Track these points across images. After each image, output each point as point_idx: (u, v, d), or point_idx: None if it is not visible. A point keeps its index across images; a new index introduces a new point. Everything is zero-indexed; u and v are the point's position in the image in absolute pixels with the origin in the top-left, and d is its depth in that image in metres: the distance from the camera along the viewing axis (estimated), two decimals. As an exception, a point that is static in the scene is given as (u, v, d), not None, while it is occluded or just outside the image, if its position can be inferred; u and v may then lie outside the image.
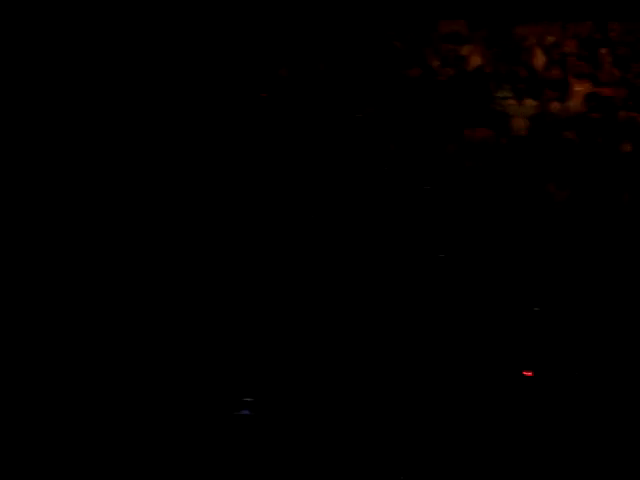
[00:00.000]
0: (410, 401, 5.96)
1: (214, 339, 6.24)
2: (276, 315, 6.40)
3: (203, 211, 6.94)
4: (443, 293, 6.62)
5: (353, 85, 8.76)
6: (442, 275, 6.77)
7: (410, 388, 6.04)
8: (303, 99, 8.44)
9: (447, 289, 6.65)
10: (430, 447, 5.73)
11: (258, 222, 6.98)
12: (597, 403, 5.97)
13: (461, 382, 6.09)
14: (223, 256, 6.73)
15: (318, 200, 7.21)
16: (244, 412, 5.80)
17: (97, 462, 5.41)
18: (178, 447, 5.57)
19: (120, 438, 5.56)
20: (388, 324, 6.40)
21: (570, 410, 5.96)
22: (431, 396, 6.00)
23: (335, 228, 7.01)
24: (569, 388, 6.09)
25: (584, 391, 6.06)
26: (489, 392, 6.03)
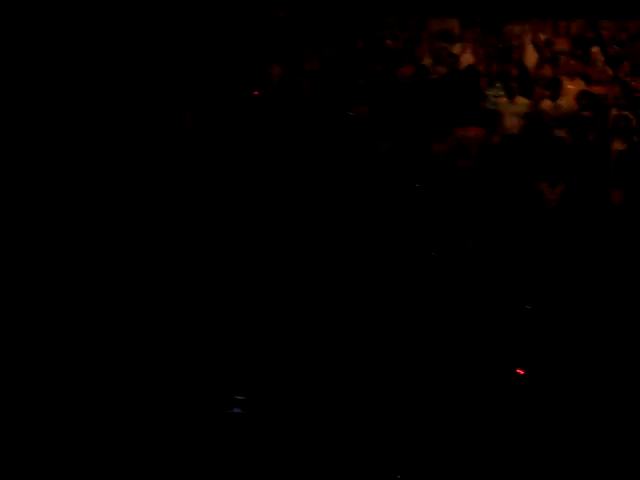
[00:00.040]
0: (404, 398, 5.97)
1: (207, 337, 6.24)
2: (269, 312, 6.40)
3: (196, 208, 6.94)
4: (435, 291, 6.63)
5: (345, 83, 8.76)
6: (434, 273, 6.78)
7: (404, 385, 6.05)
8: (295, 97, 8.44)
9: (439, 287, 6.66)
10: (425, 445, 5.74)
11: (250, 220, 6.97)
12: (589, 400, 5.99)
13: (454, 380, 6.10)
14: (214, 254, 6.72)
15: (310, 198, 7.21)
16: (236, 410, 5.81)
17: (93, 459, 5.42)
18: (171, 445, 5.57)
19: (113, 435, 5.57)
20: (380, 322, 6.40)
21: (562, 407, 5.97)
22: (425, 393, 6.00)
23: (327, 226, 7.01)
24: (561, 386, 6.11)
25: (576, 388, 6.08)
26: (482, 390, 6.04)
